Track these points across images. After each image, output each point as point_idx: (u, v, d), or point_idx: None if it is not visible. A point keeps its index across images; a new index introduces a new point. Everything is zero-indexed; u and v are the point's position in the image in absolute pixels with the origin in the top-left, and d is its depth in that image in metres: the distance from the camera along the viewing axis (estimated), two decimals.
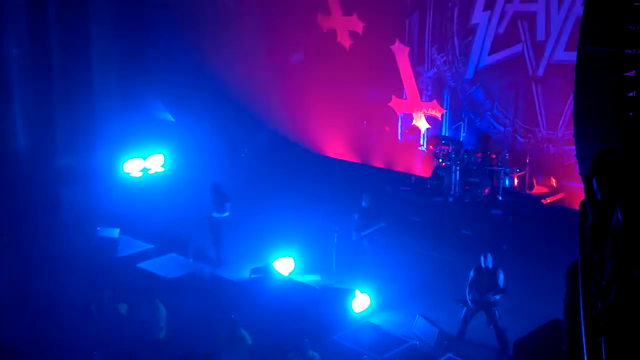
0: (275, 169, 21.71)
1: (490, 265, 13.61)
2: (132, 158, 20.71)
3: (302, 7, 22.04)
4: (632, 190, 5.64)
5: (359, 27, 21.39)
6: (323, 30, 22.08)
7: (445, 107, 20.16)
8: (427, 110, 20.49)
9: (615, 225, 5.78)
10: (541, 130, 18.60)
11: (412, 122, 20.86)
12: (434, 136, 20.32)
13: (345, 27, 21.68)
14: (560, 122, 18.21)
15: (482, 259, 13.64)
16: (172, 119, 23.21)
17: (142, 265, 15.97)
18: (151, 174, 21.22)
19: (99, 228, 17.40)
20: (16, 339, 12.78)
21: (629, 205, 5.58)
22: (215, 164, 21.22)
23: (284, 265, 16.29)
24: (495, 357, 13.62)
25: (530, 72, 18.60)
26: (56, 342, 12.84)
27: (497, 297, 13.51)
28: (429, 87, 20.50)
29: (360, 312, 14.71)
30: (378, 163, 21.50)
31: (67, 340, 12.86)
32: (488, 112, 19.45)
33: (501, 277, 13.57)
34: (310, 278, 16.24)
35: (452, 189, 18.78)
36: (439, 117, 20.24)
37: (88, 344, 12.63)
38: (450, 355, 13.07)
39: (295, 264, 16.47)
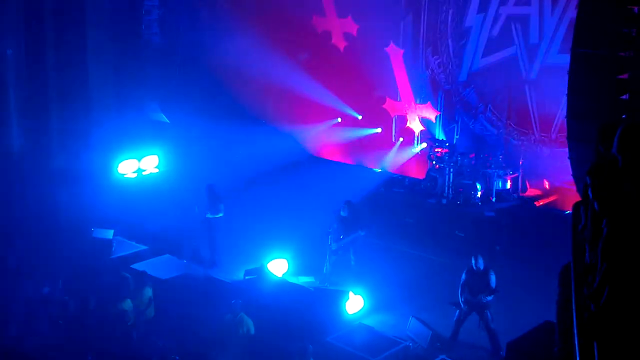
0: (269, 170, 21.72)
1: (482, 267, 13.63)
2: (127, 159, 20.67)
3: (297, 9, 22.07)
4: (627, 195, 5.67)
5: (353, 29, 21.45)
6: (318, 32, 22.13)
7: (439, 109, 20.21)
8: (421, 113, 20.53)
9: (607, 228, 5.81)
10: (534, 132, 18.65)
11: (406, 124, 20.91)
12: (428, 138, 20.37)
13: (339, 29, 21.73)
14: (553, 125, 18.26)
15: (473, 260, 13.67)
16: (167, 120, 23.19)
17: (136, 266, 15.92)
18: (146, 175, 21.19)
19: (93, 229, 17.37)
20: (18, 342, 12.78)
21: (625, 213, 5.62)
22: (210, 164, 21.22)
23: (278, 266, 16.30)
24: (488, 359, 13.66)
25: (524, 75, 18.66)
26: (54, 344, 12.83)
27: (490, 298, 13.54)
28: (423, 89, 20.54)
29: (354, 313, 14.72)
30: (372, 164, 21.54)
31: (65, 342, 12.85)
32: (481, 115, 19.51)
33: (493, 278, 13.61)
34: (304, 279, 16.28)
35: (446, 190, 18.82)
36: (433, 119, 20.29)
37: (83, 345, 12.65)
38: (444, 357, 13.10)
39: (289, 266, 16.49)
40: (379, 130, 21.51)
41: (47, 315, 13.88)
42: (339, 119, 22.06)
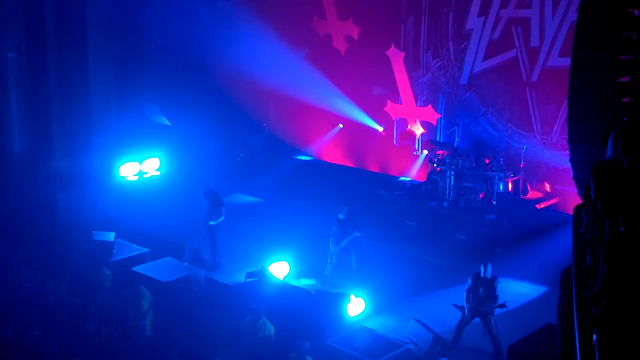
0: (271, 173, 21.74)
1: (489, 276, 13.56)
2: (128, 162, 20.69)
3: (299, 11, 22.09)
4: (631, 199, 5.67)
5: (354, 32, 21.46)
6: (319, 35, 22.14)
7: (440, 112, 20.21)
8: (422, 115, 20.53)
9: (609, 232, 5.81)
10: (535, 135, 18.66)
11: (407, 126, 20.91)
12: (429, 141, 20.37)
13: (341, 31, 21.74)
14: (555, 127, 18.26)
15: (482, 269, 13.57)
16: (168, 123, 23.22)
17: (137, 268, 15.91)
18: (147, 177, 21.21)
19: (94, 232, 17.38)
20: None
21: (629, 216, 5.61)
22: (211, 167, 21.25)
23: (279, 269, 16.30)
24: None
25: (525, 78, 18.66)
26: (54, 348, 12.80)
27: (495, 306, 13.44)
28: (424, 92, 20.55)
29: (355, 316, 14.71)
30: (373, 167, 21.55)
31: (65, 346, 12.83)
32: (482, 117, 19.51)
33: (499, 287, 13.55)
34: (305, 282, 16.28)
35: (447, 193, 18.81)
36: (434, 122, 20.29)
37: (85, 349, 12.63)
38: (445, 359, 13.10)
39: (290, 268, 16.49)
40: (380, 131, 21.52)
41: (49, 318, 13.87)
42: (340, 125, 22.01)
